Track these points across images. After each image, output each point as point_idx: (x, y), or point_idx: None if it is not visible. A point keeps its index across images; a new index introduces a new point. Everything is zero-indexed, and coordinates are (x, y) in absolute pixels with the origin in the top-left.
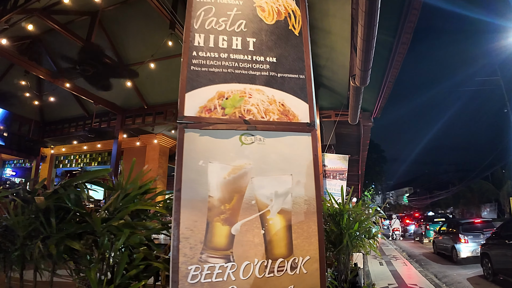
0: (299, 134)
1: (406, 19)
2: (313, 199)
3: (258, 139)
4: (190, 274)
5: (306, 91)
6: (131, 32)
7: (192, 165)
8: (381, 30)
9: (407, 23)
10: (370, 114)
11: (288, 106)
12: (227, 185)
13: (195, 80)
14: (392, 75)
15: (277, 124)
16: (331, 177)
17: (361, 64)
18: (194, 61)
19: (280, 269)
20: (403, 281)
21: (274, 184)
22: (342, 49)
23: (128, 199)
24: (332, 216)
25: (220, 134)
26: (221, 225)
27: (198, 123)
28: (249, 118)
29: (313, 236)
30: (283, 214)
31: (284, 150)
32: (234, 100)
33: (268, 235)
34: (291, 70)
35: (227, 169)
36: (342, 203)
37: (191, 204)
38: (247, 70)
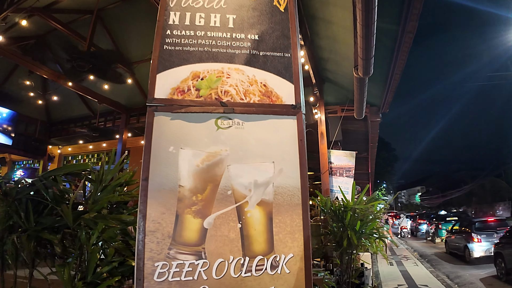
0: (282, 117)
1: (411, 5)
2: (297, 190)
3: (236, 123)
4: (157, 272)
5: (291, 70)
6: (133, 30)
7: (161, 151)
8: (384, 18)
9: (412, 10)
10: (377, 109)
11: (271, 87)
12: (200, 173)
13: (167, 60)
14: (398, 66)
15: (258, 106)
16: (337, 175)
17: (362, 52)
18: (167, 40)
19: (258, 268)
20: (414, 281)
21: (254, 172)
22: (345, 39)
23: (107, 191)
24: (335, 213)
25: (194, 117)
26: (192, 218)
27: (169, 106)
28: (227, 100)
29: (297, 231)
30: (263, 206)
31: (265, 135)
32: (210, 80)
33: (246, 230)
34: (275, 48)
35: (200, 156)
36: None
37: (159, 195)
38: (225, 49)
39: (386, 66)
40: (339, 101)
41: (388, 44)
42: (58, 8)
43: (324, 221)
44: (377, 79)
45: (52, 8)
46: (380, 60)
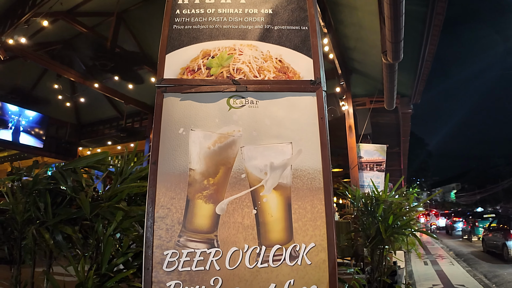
0: (300, 94)
1: None
2: (318, 172)
3: (249, 101)
4: (166, 261)
5: (309, 44)
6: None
7: (170, 134)
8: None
9: None
10: (408, 99)
11: (287, 62)
12: (211, 156)
13: (176, 40)
14: (429, 52)
15: (273, 83)
16: (367, 169)
17: (391, 35)
18: (177, 20)
19: (276, 258)
20: (450, 281)
21: (269, 154)
22: (371, 25)
23: (126, 183)
24: (366, 206)
25: (204, 97)
26: (204, 203)
27: (178, 86)
28: (240, 78)
29: (319, 218)
30: (281, 190)
31: (281, 113)
32: (221, 58)
33: (262, 216)
34: (291, 22)
35: (211, 137)
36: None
37: (169, 179)
38: (237, 25)
39: (416, 52)
40: (367, 92)
41: (417, 28)
42: (81, 11)
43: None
44: (407, 66)
45: (75, 12)
46: (410, 45)
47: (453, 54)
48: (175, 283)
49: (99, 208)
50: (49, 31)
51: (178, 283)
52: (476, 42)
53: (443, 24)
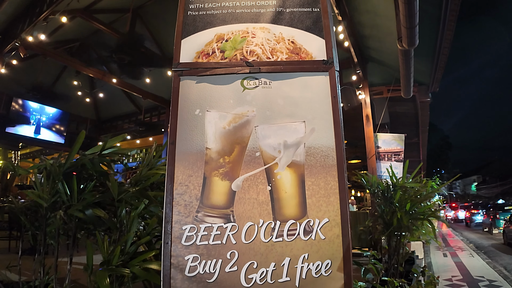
0: (313, 74)
1: None
2: (332, 150)
3: (263, 82)
4: (185, 235)
5: (321, 25)
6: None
7: (187, 115)
8: None
9: None
10: (426, 88)
11: (300, 43)
12: (227, 135)
13: (191, 25)
14: (446, 38)
15: (286, 64)
16: (385, 159)
17: (405, 20)
18: (191, 6)
19: (290, 233)
20: (469, 273)
21: (283, 133)
22: (386, 12)
23: (153, 171)
24: (383, 192)
25: (219, 79)
26: (220, 180)
27: (194, 69)
28: (253, 60)
29: (333, 195)
30: (294, 167)
31: (294, 93)
32: (234, 41)
33: (276, 192)
34: (302, 4)
35: (227, 118)
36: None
37: (186, 157)
38: (250, 8)
39: (433, 38)
40: (384, 81)
41: (433, 14)
42: (97, 8)
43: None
44: (424, 53)
45: (92, 9)
46: (426, 32)
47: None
48: (193, 256)
49: (126, 192)
50: (67, 28)
51: (196, 256)
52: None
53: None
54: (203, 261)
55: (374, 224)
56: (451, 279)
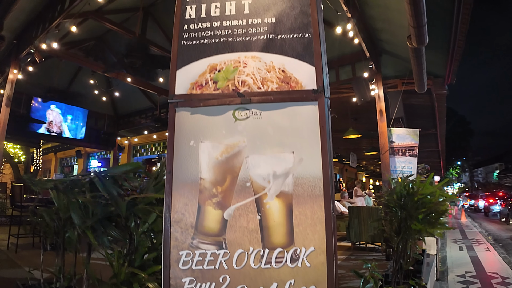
0: (302, 103)
1: None
2: (319, 180)
3: (253, 113)
4: (182, 260)
5: (312, 51)
6: None
7: (183, 145)
8: None
9: None
10: (442, 80)
11: (290, 72)
12: (219, 165)
13: (185, 55)
14: (461, 31)
15: (276, 94)
16: (399, 154)
17: (412, 20)
18: (185, 35)
19: (278, 260)
20: (483, 268)
21: (272, 163)
22: (397, 6)
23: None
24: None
25: (212, 111)
26: (213, 209)
27: (188, 101)
28: (244, 90)
29: (319, 224)
30: (283, 197)
31: (284, 123)
32: (227, 71)
33: (265, 221)
34: (294, 29)
35: (219, 148)
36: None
37: (182, 187)
38: (241, 37)
39: (447, 31)
40: (399, 73)
41: (446, 6)
42: (108, 9)
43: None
44: (438, 46)
45: (103, 10)
46: (438, 25)
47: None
48: (189, 279)
49: (133, 209)
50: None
51: (192, 279)
52: None
53: None
54: (198, 283)
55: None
56: (464, 275)
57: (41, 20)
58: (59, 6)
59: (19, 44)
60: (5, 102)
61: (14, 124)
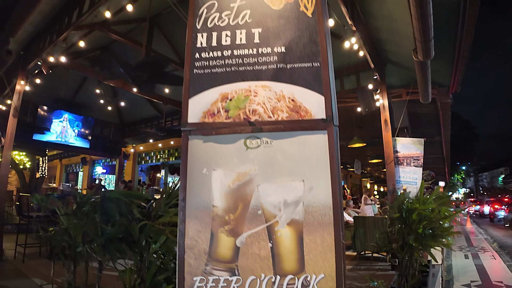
0: (311, 132)
1: None
2: (329, 208)
3: (264, 142)
4: (195, 286)
5: (320, 80)
6: None
7: (196, 173)
8: None
9: None
10: (446, 89)
11: (299, 101)
12: (231, 193)
13: (198, 84)
14: (465, 42)
15: (286, 123)
16: (404, 164)
17: (419, 35)
18: (197, 64)
19: (289, 286)
20: (488, 277)
21: (283, 191)
22: (402, 17)
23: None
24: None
25: (224, 139)
26: (226, 236)
27: (201, 129)
28: (255, 119)
29: (329, 251)
30: (294, 225)
31: (294, 152)
32: (238, 100)
33: (276, 248)
34: (303, 58)
35: (231, 176)
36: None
37: (195, 214)
38: (252, 66)
39: (452, 42)
40: (403, 83)
41: (450, 18)
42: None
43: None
44: (443, 56)
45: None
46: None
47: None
48: None
49: (146, 227)
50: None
51: None
52: None
53: None
54: None
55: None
56: (469, 284)
57: (48, 32)
58: (66, 19)
59: (26, 55)
60: (13, 113)
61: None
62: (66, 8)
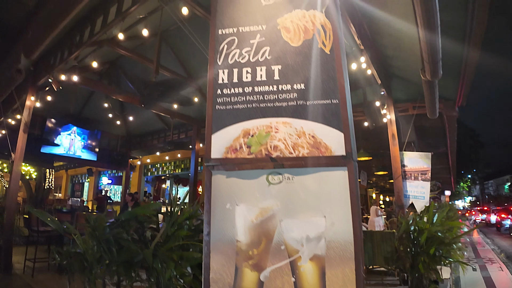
0: (332, 169)
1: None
2: (350, 244)
3: (286, 177)
4: None
5: (339, 117)
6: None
7: (219, 208)
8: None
9: (479, 1)
10: (453, 103)
11: (320, 138)
12: (254, 228)
13: (220, 120)
14: (471, 58)
15: (307, 159)
16: (412, 178)
17: (428, 57)
18: (219, 100)
19: None
20: None
21: (305, 227)
22: (408, 35)
23: (176, 225)
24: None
25: (246, 174)
26: (250, 271)
27: (224, 165)
28: (277, 155)
29: (349, 285)
30: (316, 260)
31: (315, 188)
32: (260, 136)
33: (299, 283)
34: (322, 95)
35: (254, 211)
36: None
37: (220, 248)
38: (272, 102)
39: (457, 59)
40: (409, 97)
41: (456, 37)
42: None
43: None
44: (448, 72)
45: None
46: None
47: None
48: None
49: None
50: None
51: None
52: None
53: None
54: None
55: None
56: None
57: (59, 49)
58: (78, 37)
59: (36, 71)
60: (23, 129)
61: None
62: (77, 26)
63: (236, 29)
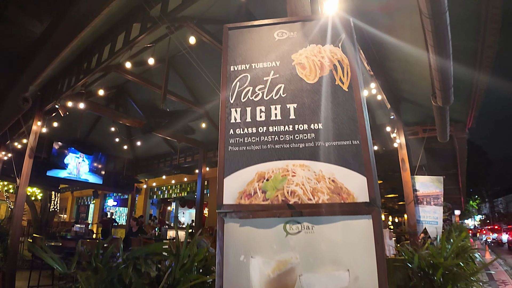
0: (355, 217)
1: (487, 20)
2: None
3: (305, 227)
4: None
5: (361, 160)
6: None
7: (233, 260)
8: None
9: (491, 24)
10: (463, 125)
11: (340, 182)
12: (271, 283)
13: (233, 162)
14: (481, 82)
15: (327, 206)
16: (424, 203)
17: (439, 84)
18: (231, 141)
19: None
20: None
21: (327, 282)
22: (418, 60)
23: (185, 269)
24: (422, 269)
25: (262, 223)
26: None
27: (237, 212)
28: (294, 201)
29: None
30: None
31: (337, 238)
32: (275, 181)
33: None
34: (341, 136)
35: (270, 264)
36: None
37: None
38: (288, 143)
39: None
40: (419, 120)
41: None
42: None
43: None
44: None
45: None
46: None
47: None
48: None
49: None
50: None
51: None
52: None
53: None
54: None
55: None
56: None
57: (66, 75)
58: (85, 64)
59: (43, 96)
60: (29, 154)
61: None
62: (85, 54)
63: (249, 66)
